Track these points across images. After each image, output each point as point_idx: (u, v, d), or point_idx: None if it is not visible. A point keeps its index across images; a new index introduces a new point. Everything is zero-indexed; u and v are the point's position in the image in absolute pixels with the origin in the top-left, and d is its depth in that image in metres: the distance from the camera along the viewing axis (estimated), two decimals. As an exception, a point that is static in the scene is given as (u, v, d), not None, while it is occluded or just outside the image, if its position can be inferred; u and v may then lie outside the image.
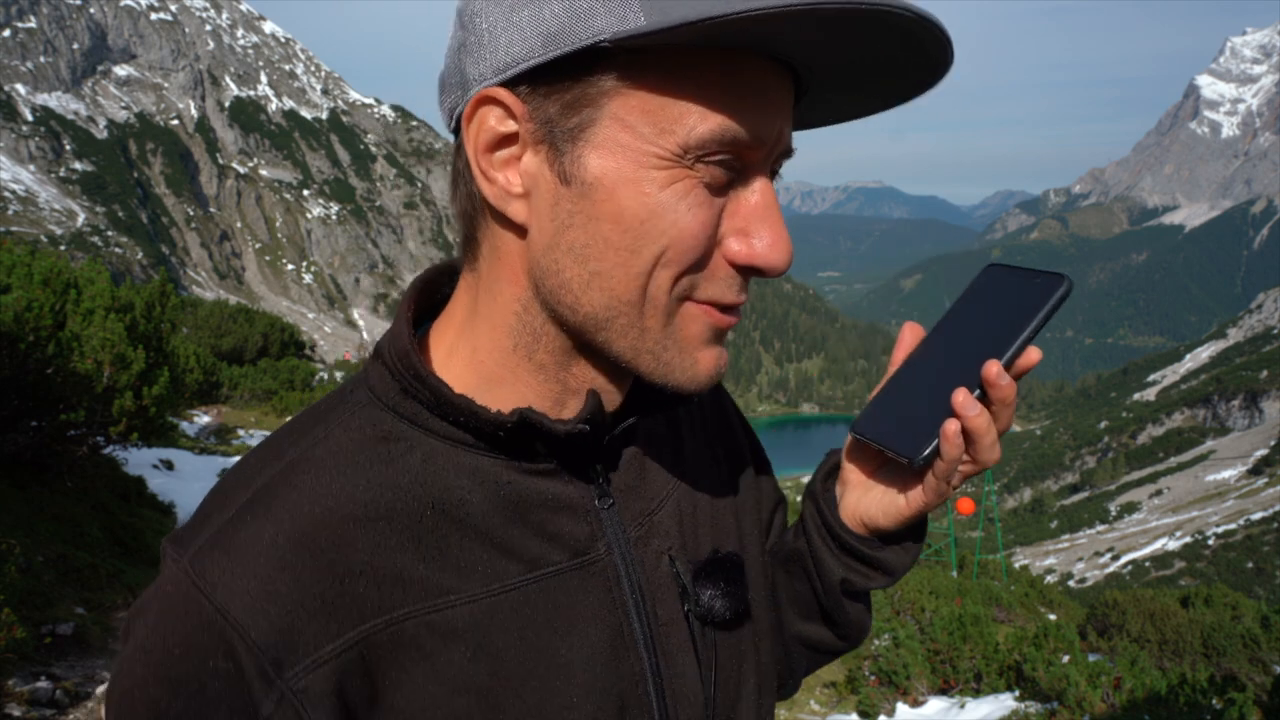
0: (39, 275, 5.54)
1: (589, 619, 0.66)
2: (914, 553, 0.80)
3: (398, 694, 0.60)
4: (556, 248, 0.60)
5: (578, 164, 0.58)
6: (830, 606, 0.83)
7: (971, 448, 0.69)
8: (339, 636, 0.58)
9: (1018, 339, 0.68)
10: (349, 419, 0.65)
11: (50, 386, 5.42)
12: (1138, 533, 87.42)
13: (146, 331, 6.63)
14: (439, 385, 0.63)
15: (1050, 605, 17.49)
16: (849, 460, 0.79)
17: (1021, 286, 0.72)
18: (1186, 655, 9.88)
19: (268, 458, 0.64)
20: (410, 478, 0.63)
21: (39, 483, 5.81)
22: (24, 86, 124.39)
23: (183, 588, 0.58)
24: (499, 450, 0.65)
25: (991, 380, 0.67)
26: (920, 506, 0.73)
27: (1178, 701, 5.99)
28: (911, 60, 0.58)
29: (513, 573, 0.64)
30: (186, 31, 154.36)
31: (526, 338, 0.64)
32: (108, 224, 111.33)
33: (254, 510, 0.60)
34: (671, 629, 0.71)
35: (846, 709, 8.02)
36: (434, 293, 0.73)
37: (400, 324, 0.66)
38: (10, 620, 3.42)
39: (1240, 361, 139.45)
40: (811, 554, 0.82)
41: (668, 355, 0.62)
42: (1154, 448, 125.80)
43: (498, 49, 0.58)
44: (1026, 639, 8.34)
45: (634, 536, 0.71)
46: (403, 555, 0.61)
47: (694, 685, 0.72)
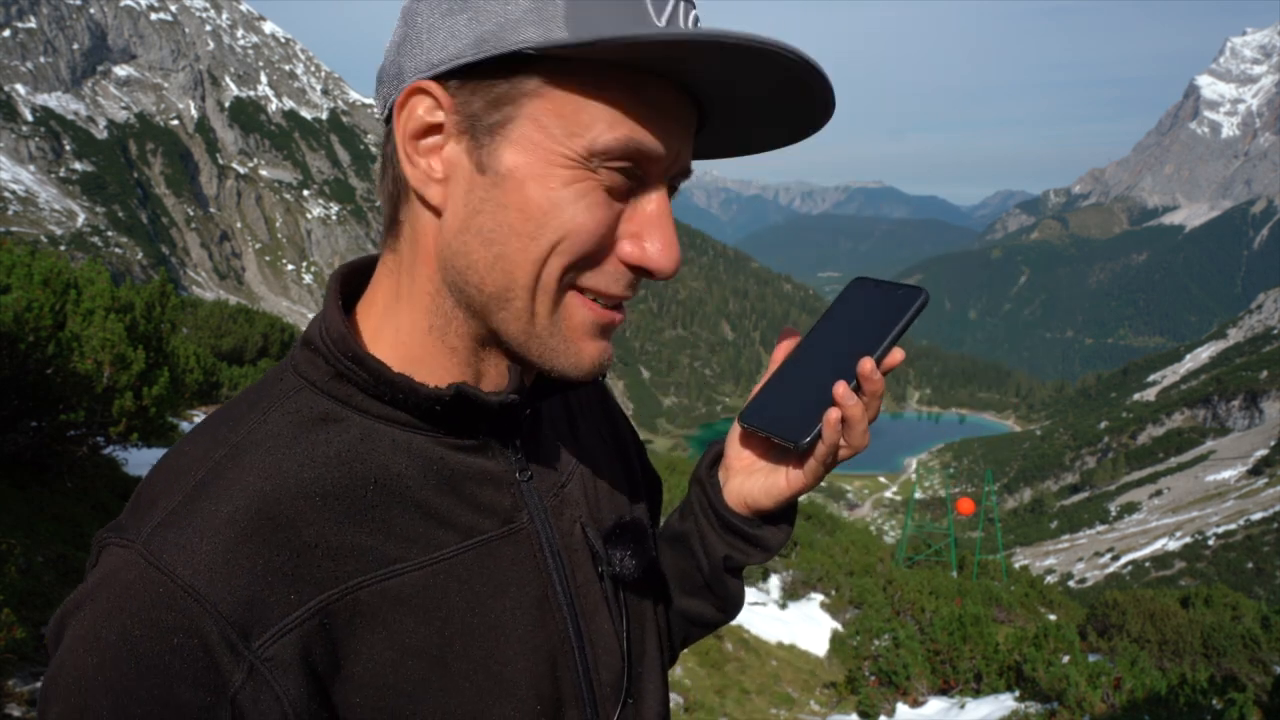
0: (39, 275, 5.54)
1: (518, 582, 0.72)
2: (787, 532, 0.88)
3: (356, 660, 0.63)
4: (467, 230, 0.65)
5: (494, 156, 0.63)
6: (713, 581, 0.91)
7: (848, 433, 0.77)
8: (301, 605, 0.60)
9: (885, 340, 0.77)
10: (284, 404, 0.68)
11: (50, 386, 5.41)
12: (1138, 533, 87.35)
13: (146, 331, 6.62)
14: (378, 366, 0.67)
15: (1050, 605, 17.48)
16: (734, 448, 0.87)
17: (886, 297, 0.81)
18: (1186, 655, 9.87)
19: (208, 444, 0.65)
20: (351, 456, 0.66)
21: (39, 483, 5.81)
22: (24, 86, 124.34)
23: (137, 570, 0.58)
24: (432, 425, 0.70)
25: (866, 375, 0.76)
26: (800, 487, 0.82)
27: (1178, 702, 5.99)
28: (796, 100, 0.66)
29: (450, 541, 0.69)
30: (186, 31, 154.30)
31: (440, 320, 0.69)
32: (108, 224, 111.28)
33: (206, 490, 0.61)
34: (588, 590, 0.78)
35: (846, 709, 8.02)
36: (355, 280, 0.76)
37: (332, 310, 0.70)
38: (10, 620, 3.41)
39: (1240, 362, 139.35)
40: (698, 533, 0.89)
41: (554, 342, 0.68)
42: (1154, 448, 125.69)
43: (434, 46, 0.63)
44: (1026, 639, 8.33)
45: (550, 506, 0.77)
46: (351, 528, 0.64)
47: (611, 642, 0.78)
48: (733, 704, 7.75)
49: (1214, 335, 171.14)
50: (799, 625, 11.12)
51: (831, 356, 0.80)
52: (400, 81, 0.66)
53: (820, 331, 0.84)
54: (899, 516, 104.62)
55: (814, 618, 11.68)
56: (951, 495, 39.03)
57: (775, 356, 0.86)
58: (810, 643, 10.65)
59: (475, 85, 0.63)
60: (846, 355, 0.78)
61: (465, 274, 0.66)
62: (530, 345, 0.68)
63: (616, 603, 0.80)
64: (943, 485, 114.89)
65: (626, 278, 0.68)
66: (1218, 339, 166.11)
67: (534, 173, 0.63)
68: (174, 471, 0.64)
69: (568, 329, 0.68)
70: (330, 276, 0.74)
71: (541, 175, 0.63)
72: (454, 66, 0.63)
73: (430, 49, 0.64)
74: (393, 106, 0.66)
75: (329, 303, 0.71)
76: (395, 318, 0.71)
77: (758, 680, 8.73)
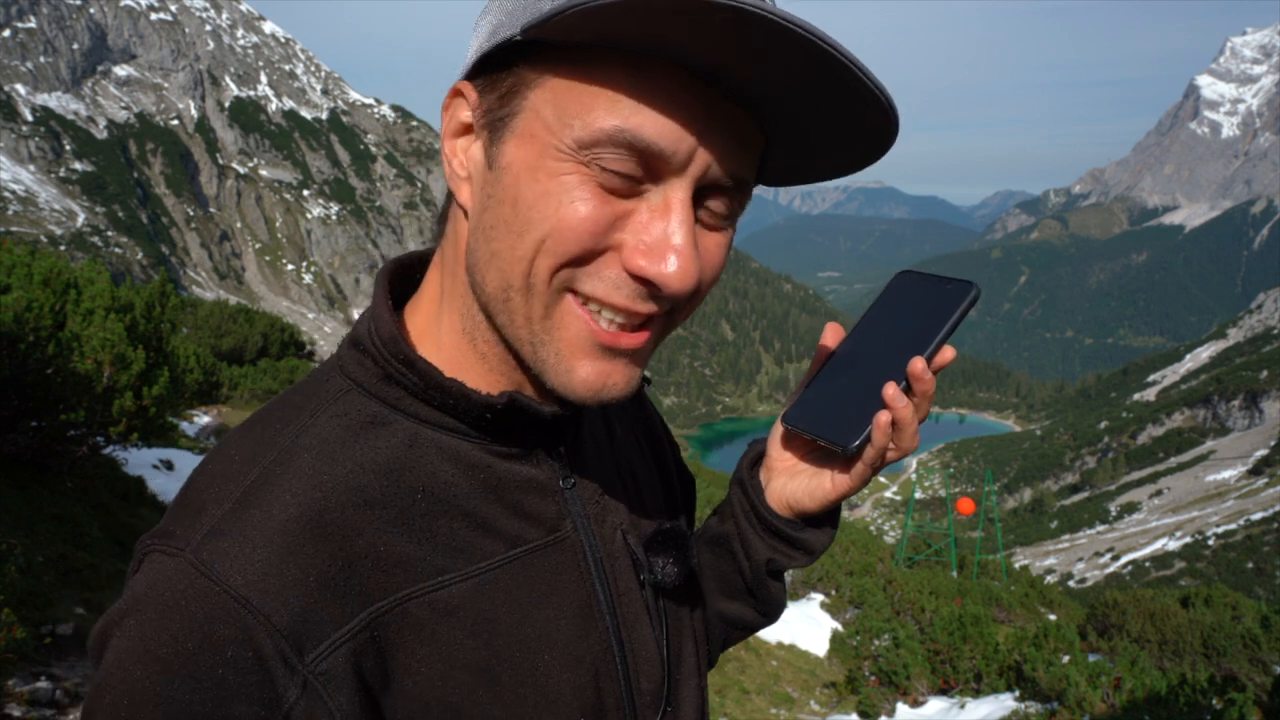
0: (39, 275, 5.54)
1: (562, 591, 0.71)
2: (831, 535, 0.85)
3: (406, 673, 0.62)
4: (478, 229, 0.63)
5: (500, 150, 0.62)
6: (754, 585, 0.88)
7: (897, 436, 0.74)
8: (353, 618, 0.59)
9: (936, 338, 0.73)
10: (332, 406, 0.66)
11: (50, 386, 5.41)
12: (1138, 533, 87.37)
13: (146, 331, 6.62)
14: (429, 369, 0.65)
15: (1050, 605, 17.49)
16: (775, 449, 0.84)
17: (935, 291, 0.78)
18: (1186, 655, 9.87)
19: (256, 447, 0.64)
20: (399, 463, 0.65)
21: (39, 483, 5.81)
22: (24, 86, 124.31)
23: (188, 580, 0.56)
24: (480, 433, 0.68)
25: (918, 375, 0.72)
26: (845, 490, 0.79)
27: (1178, 702, 5.99)
28: (839, 99, 0.58)
29: (497, 551, 0.67)
30: (186, 31, 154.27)
31: (470, 324, 0.67)
32: (108, 224, 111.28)
33: (256, 496, 0.60)
34: (629, 598, 0.76)
35: (846, 709, 8.02)
36: (406, 277, 0.75)
37: (381, 309, 0.68)
38: (10, 620, 3.41)
39: (1240, 362, 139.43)
40: (739, 536, 0.86)
41: (544, 352, 0.63)
42: (1154, 448, 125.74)
43: (472, 47, 0.64)
44: (1026, 639, 8.34)
45: (592, 514, 0.76)
46: (399, 538, 0.63)
47: (651, 649, 0.77)
48: (733, 704, 7.75)
49: (1214, 335, 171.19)
50: (799, 625, 11.11)
51: (879, 355, 0.77)
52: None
53: (866, 328, 0.81)
54: (899, 516, 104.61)
55: (814, 618, 11.67)
56: (951, 495, 39.08)
57: (819, 354, 0.83)
58: (810, 643, 10.65)
59: (490, 81, 0.62)
60: (895, 354, 0.75)
61: (474, 272, 0.64)
62: (524, 350, 0.65)
63: (657, 611, 0.79)
64: (943, 485, 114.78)
65: (630, 287, 0.62)
66: (1218, 339, 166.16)
67: (528, 165, 0.60)
68: (222, 476, 0.62)
69: (561, 341, 0.63)
70: (378, 273, 0.73)
71: (534, 167, 0.59)
72: (473, 63, 0.63)
73: (470, 49, 0.64)
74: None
75: (378, 301, 0.69)
76: (439, 320, 0.69)
77: (758, 680, 8.73)
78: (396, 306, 0.73)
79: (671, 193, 0.60)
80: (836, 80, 0.55)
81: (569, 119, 0.58)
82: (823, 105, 0.59)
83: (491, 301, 0.64)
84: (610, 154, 0.58)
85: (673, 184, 0.60)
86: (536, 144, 0.59)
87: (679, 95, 0.58)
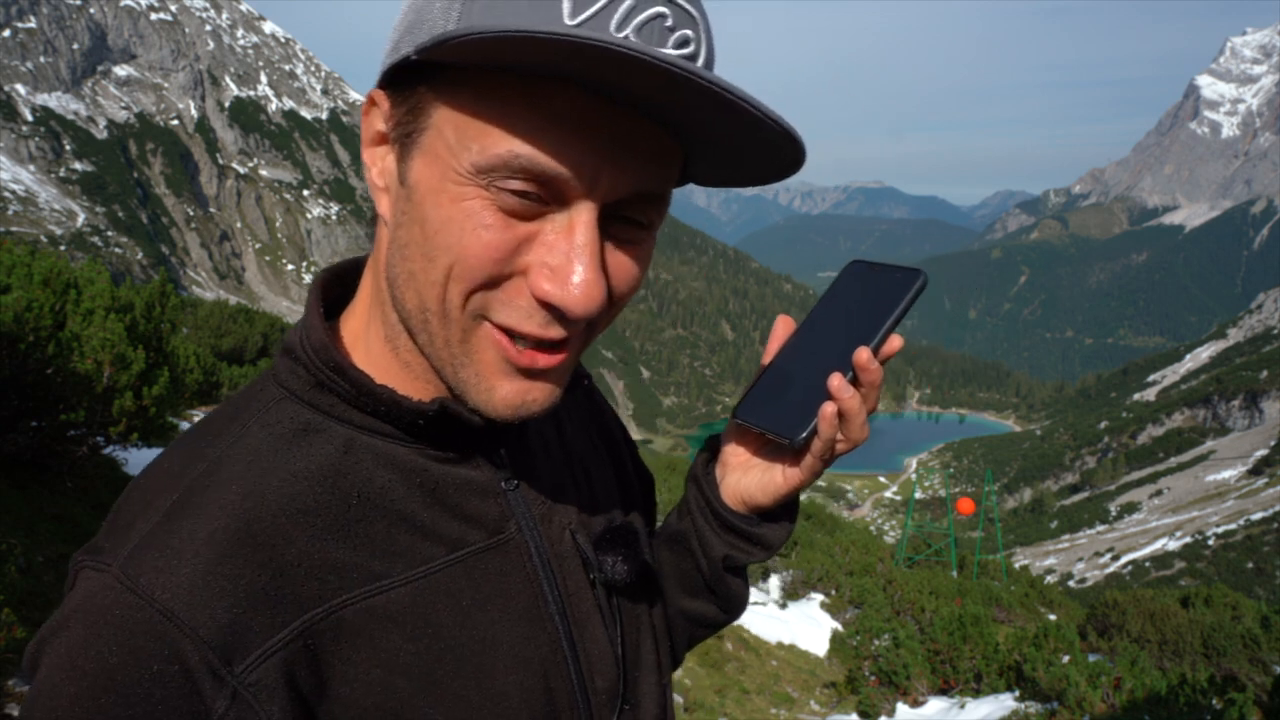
0: (39, 275, 5.54)
1: (508, 593, 0.70)
2: (788, 530, 0.85)
3: (343, 681, 0.61)
4: (394, 243, 0.63)
5: (409, 167, 0.60)
6: (714, 582, 0.88)
7: (845, 427, 0.73)
8: (284, 627, 0.59)
9: (883, 328, 0.73)
10: (264, 415, 0.66)
11: (50, 386, 5.42)
12: (1138, 533, 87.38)
13: (146, 331, 6.62)
14: (360, 376, 0.65)
15: (1050, 605, 17.49)
16: (729, 445, 0.84)
17: (883, 281, 0.77)
18: (1186, 655, 9.87)
19: (186, 460, 0.63)
20: (333, 470, 0.64)
21: (39, 483, 5.81)
22: (24, 86, 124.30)
23: (115, 595, 0.56)
24: (415, 438, 0.67)
25: (863, 365, 0.71)
26: (797, 483, 0.78)
27: (1178, 702, 5.99)
28: (739, 126, 0.56)
29: (437, 555, 0.67)
30: (186, 31, 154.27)
31: (392, 332, 0.67)
32: (108, 224, 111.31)
33: (184, 510, 0.59)
34: (580, 598, 0.75)
35: (846, 709, 8.02)
36: (345, 283, 0.74)
37: (313, 317, 0.68)
38: (10, 620, 3.41)
39: (1240, 362, 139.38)
40: (696, 533, 0.86)
41: (464, 374, 0.63)
42: (1154, 448, 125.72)
43: (385, 54, 0.62)
44: (1026, 639, 8.34)
45: (538, 514, 0.75)
46: (334, 545, 0.62)
47: (604, 648, 0.76)
48: (733, 704, 7.75)
49: (1214, 335, 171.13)
50: (799, 625, 11.12)
51: (827, 346, 0.76)
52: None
53: (815, 320, 0.80)
54: (899, 516, 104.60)
55: (814, 618, 11.68)
56: (951, 495, 39.06)
57: (770, 347, 0.81)
58: (810, 643, 10.65)
59: (400, 93, 0.61)
60: (842, 344, 0.74)
61: (393, 288, 0.64)
62: (445, 371, 0.64)
63: (610, 609, 0.78)
64: (943, 485, 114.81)
65: (541, 315, 0.61)
66: (1218, 339, 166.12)
67: (431, 187, 0.59)
68: (151, 489, 0.62)
69: (480, 364, 0.63)
70: (312, 279, 0.71)
71: (437, 190, 0.58)
72: (380, 74, 0.61)
73: (384, 57, 0.62)
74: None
75: (310, 309, 0.69)
76: (370, 326, 0.69)
77: (758, 680, 8.73)
78: (335, 313, 0.72)
79: (576, 215, 0.59)
80: (728, 108, 0.54)
81: (468, 142, 0.57)
82: (724, 127, 0.57)
83: (411, 319, 0.63)
84: (509, 179, 0.57)
85: (578, 206, 0.59)
86: (440, 164, 0.58)
87: (578, 118, 0.56)
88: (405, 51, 0.57)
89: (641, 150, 0.59)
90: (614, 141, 0.57)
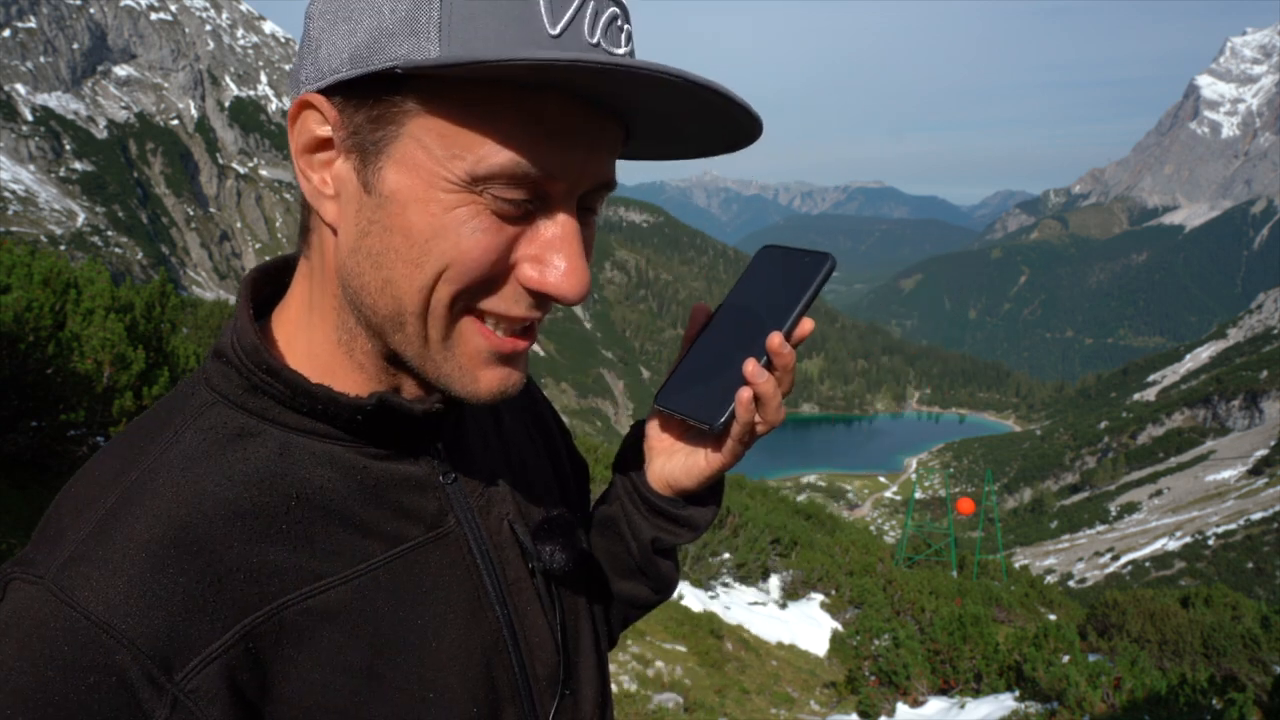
0: (39, 275, 5.54)
1: (449, 586, 0.71)
2: (714, 512, 0.87)
3: (286, 683, 0.61)
4: (358, 251, 0.62)
5: (378, 176, 0.60)
6: (644, 564, 0.89)
7: (761, 410, 0.76)
8: (225, 632, 0.58)
9: (794, 312, 0.76)
10: (197, 420, 0.65)
11: (50, 386, 5.42)
12: (1138, 533, 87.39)
13: (146, 331, 6.62)
14: (294, 378, 0.65)
15: (1050, 605, 17.50)
16: (653, 431, 0.86)
17: (794, 265, 0.80)
18: (1186, 655, 9.87)
19: (118, 468, 0.63)
20: (270, 472, 0.64)
21: (39, 483, 5.81)
22: (24, 86, 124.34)
23: (48, 608, 0.55)
24: (353, 436, 0.68)
25: (776, 350, 0.74)
26: (719, 466, 0.81)
27: (1178, 702, 5.99)
28: (713, 119, 0.62)
29: (376, 551, 0.67)
30: (186, 31, 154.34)
31: (345, 335, 0.67)
32: (108, 224, 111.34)
33: (117, 518, 0.59)
34: (520, 587, 0.77)
35: (846, 709, 8.02)
36: (271, 284, 0.74)
37: (243, 319, 0.67)
38: (10, 620, 3.41)
39: (1240, 361, 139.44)
40: (625, 517, 0.88)
41: (447, 368, 0.65)
42: (1154, 448, 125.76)
43: (319, 57, 0.61)
44: (1026, 639, 8.33)
45: (477, 506, 0.76)
46: (273, 547, 0.62)
47: (545, 636, 0.78)
48: (733, 704, 7.75)
49: (1214, 335, 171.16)
50: (799, 625, 11.12)
51: (742, 332, 0.78)
52: (297, 89, 0.64)
53: (730, 306, 0.82)
54: (899, 516, 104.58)
55: (814, 618, 11.68)
56: (951, 495, 39.06)
57: (688, 335, 0.84)
58: (810, 643, 10.66)
59: (358, 102, 0.60)
60: (757, 330, 0.77)
61: (359, 295, 0.64)
62: (426, 369, 0.66)
63: (549, 597, 0.80)
64: (943, 485, 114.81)
65: (526, 300, 0.65)
66: (1218, 339, 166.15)
67: (416, 196, 0.59)
68: (83, 499, 0.61)
69: (462, 356, 0.65)
70: (242, 281, 0.71)
71: (423, 199, 0.59)
72: (335, 81, 0.60)
73: (320, 59, 0.61)
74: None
75: (239, 311, 0.69)
76: (309, 328, 0.69)
77: (758, 680, 8.73)
78: (264, 313, 0.73)
79: (561, 211, 0.63)
80: (697, 98, 0.58)
81: (458, 152, 0.58)
82: (690, 112, 0.62)
83: (384, 324, 0.64)
84: (508, 188, 0.59)
85: (561, 202, 0.63)
86: (422, 174, 0.59)
87: (568, 126, 0.59)
88: (381, 65, 0.57)
89: (609, 144, 0.63)
90: (593, 141, 0.62)
